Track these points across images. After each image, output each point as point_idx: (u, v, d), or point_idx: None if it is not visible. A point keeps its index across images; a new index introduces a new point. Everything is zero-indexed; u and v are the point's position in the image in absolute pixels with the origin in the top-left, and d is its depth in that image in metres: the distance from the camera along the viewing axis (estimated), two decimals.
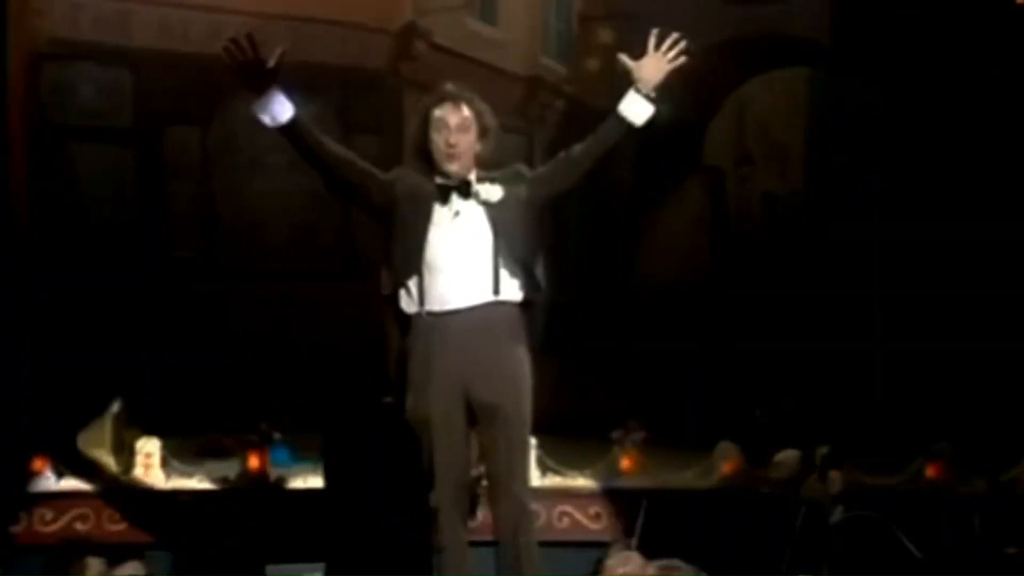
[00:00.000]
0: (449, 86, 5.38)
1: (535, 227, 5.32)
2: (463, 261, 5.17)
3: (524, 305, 5.31)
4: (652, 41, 5.28)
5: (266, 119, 5.09)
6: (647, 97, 5.27)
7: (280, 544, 6.99)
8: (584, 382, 8.47)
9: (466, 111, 5.30)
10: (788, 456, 7.75)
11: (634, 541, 7.21)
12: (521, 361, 5.29)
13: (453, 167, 5.24)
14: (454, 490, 5.22)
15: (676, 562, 7.20)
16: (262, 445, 7.60)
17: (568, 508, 7.89)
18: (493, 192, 5.24)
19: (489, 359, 5.19)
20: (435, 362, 5.15)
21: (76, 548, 7.17)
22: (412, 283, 5.17)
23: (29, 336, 8.00)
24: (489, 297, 5.19)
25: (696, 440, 8.19)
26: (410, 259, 5.15)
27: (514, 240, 5.23)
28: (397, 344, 5.29)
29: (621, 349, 8.77)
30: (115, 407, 7.70)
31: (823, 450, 7.59)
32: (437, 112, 5.29)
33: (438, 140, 5.25)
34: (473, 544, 5.53)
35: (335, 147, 5.24)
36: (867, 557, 7.06)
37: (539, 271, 5.33)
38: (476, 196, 5.22)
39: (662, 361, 8.66)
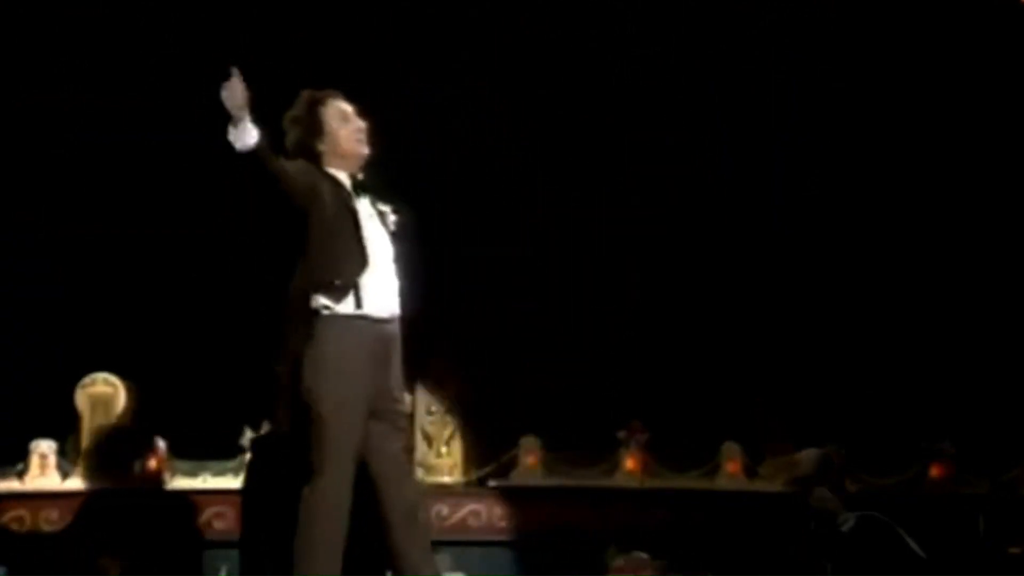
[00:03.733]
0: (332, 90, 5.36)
1: None
2: (384, 270, 5.16)
3: None
4: None
5: (238, 144, 5.12)
6: None
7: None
8: (588, 383, 8.49)
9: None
10: (808, 455, 7.75)
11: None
12: None
13: (367, 151, 5.21)
14: (346, 481, 5.04)
15: (678, 562, 7.22)
16: None
17: (568, 508, 7.92)
18: (390, 215, 5.26)
19: (396, 368, 5.17)
20: (364, 366, 5.06)
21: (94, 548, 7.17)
22: (348, 283, 5.08)
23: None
24: (396, 311, 5.17)
25: (700, 440, 8.22)
26: (350, 258, 5.08)
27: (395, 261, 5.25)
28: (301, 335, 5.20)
29: (624, 350, 8.79)
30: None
31: (839, 450, 7.60)
32: (334, 105, 5.26)
33: (348, 128, 5.21)
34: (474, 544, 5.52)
35: (286, 163, 5.23)
36: (872, 557, 7.07)
37: None
38: (384, 216, 5.22)
39: (666, 362, 8.67)
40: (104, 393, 7.78)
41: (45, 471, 7.63)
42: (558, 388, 8.31)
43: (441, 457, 8.09)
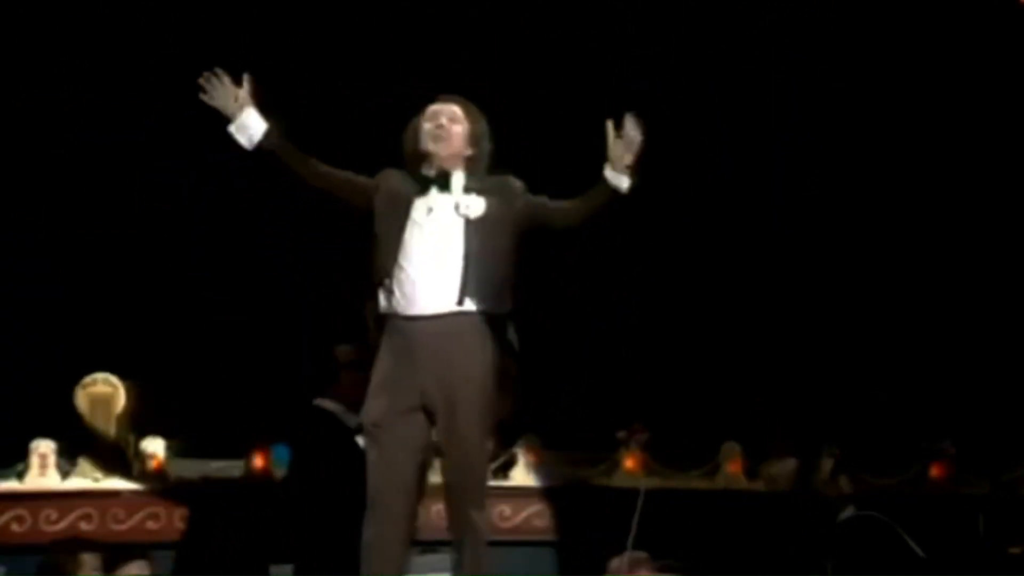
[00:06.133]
0: (444, 95, 5.41)
1: (511, 244, 5.21)
2: (432, 265, 5.13)
3: (491, 318, 5.18)
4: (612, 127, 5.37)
5: (243, 140, 5.14)
6: (619, 174, 5.37)
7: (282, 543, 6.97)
8: (588, 383, 8.51)
9: (458, 109, 5.33)
10: (784, 467, 7.78)
11: (630, 539, 7.19)
12: (482, 371, 5.13)
13: (439, 148, 5.21)
14: (393, 500, 5.06)
15: (678, 562, 7.22)
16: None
17: (568, 508, 7.93)
18: (475, 206, 5.18)
19: (449, 367, 5.08)
20: (397, 367, 5.09)
21: (72, 545, 7.15)
22: (386, 282, 5.15)
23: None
24: (453, 307, 5.10)
25: (700, 440, 8.23)
26: (387, 257, 5.14)
27: (486, 255, 5.14)
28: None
29: (624, 350, 8.81)
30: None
31: (833, 451, 7.62)
32: (431, 107, 5.33)
33: (428, 127, 5.26)
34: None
35: (313, 161, 5.25)
36: (871, 556, 7.08)
37: (507, 288, 5.19)
38: (456, 208, 5.18)
39: (666, 362, 8.69)
40: (104, 393, 7.79)
41: (45, 471, 7.64)
42: (558, 388, 8.32)
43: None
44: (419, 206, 5.18)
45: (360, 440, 5.32)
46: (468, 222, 5.15)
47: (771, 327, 8.85)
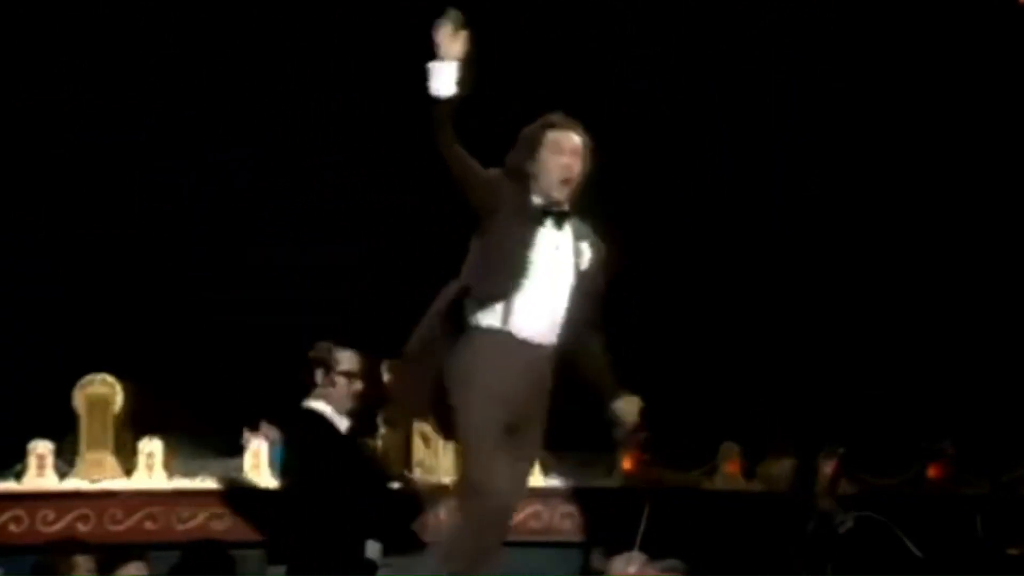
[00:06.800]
0: (560, 115, 5.37)
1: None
2: (548, 297, 5.23)
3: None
4: None
5: (432, 83, 5.12)
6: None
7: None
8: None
9: (578, 141, 5.30)
10: (783, 467, 7.77)
11: (637, 541, 7.21)
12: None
13: (564, 194, 5.26)
14: (506, 513, 5.34)
15: (678, 563, 7.20)
16: None
17: (572, 509, 7.92)
18: (587, 258, 5.32)
19: (543, 391, 5.32)
20: (506, 383, 5.15)
21: (67, 547, 7.16)
22: (503, 297, 5.18)
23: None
24: (552, 339, 5.25)
25: (700, 440, 8.22)
26: (511, 275, 5.18)
27: (580, 301, 5.30)
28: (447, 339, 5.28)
29: (624, 349, 8.77)
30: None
31: (837, 451, 7.60)
32: (552, 134, 5.28)
33: (553, 162, 5.23)
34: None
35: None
36: (870, 557, 7.07)
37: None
38: (577, 255, 5.30)
39: (666, 362, 8.68)
40: (102, 393, 7.79)
41: (43, 472, 7.65)
42: (561, 388, 8.30)
43: (440, 457, 8.09)
44: (544, 237, 5.24)
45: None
46: (578, 270, 5.28)
47: (771, 327, 8.83)
